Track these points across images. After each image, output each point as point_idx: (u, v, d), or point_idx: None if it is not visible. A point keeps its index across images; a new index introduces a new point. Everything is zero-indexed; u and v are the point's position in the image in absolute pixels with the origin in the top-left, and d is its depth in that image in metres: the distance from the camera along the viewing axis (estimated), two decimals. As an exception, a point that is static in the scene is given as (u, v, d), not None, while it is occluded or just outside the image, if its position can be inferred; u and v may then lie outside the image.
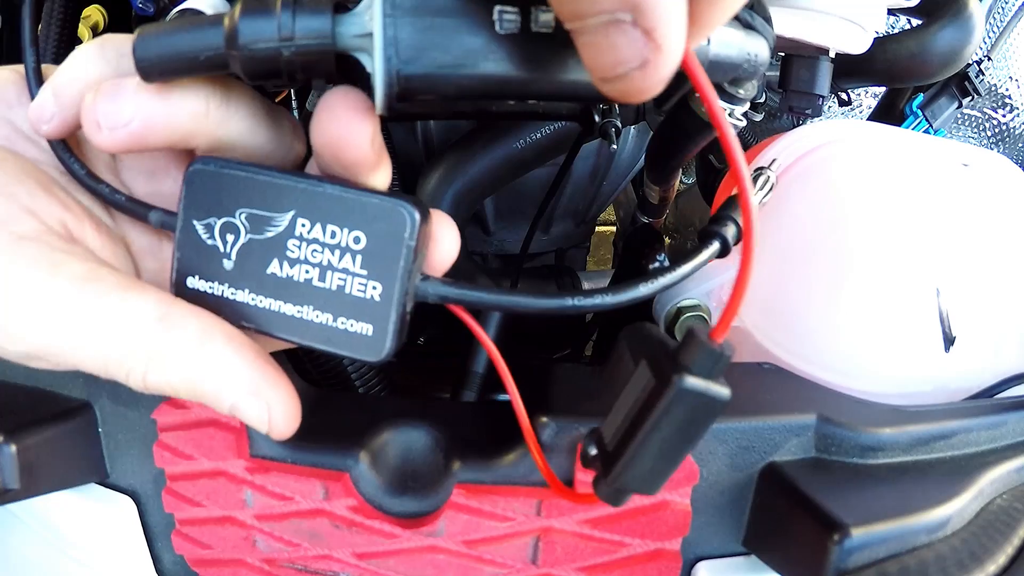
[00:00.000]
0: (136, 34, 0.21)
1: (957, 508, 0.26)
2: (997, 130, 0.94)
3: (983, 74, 0.63)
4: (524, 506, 0.28)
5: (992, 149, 0.95)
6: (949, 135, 0.91)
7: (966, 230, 0.36)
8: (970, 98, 0.63)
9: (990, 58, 0.70)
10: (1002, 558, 0.25)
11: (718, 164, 0.60)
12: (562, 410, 0.28)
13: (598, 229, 0.87)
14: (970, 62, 0.58)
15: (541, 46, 0.19)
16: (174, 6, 0.29)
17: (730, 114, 0.32)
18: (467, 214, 0.59)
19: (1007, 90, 0.93)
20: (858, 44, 0.37)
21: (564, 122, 0.54)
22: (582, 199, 0.72)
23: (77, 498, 0.31)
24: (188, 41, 0.20)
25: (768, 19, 0.26)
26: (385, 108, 0.20)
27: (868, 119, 0.72)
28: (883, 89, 0.68)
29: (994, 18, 0.80)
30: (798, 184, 0.38)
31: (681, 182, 0.90)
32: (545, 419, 0.28)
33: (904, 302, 0.34)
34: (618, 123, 0.45)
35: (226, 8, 0.26)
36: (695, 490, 0.28)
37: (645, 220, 0.68)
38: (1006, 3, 0.81)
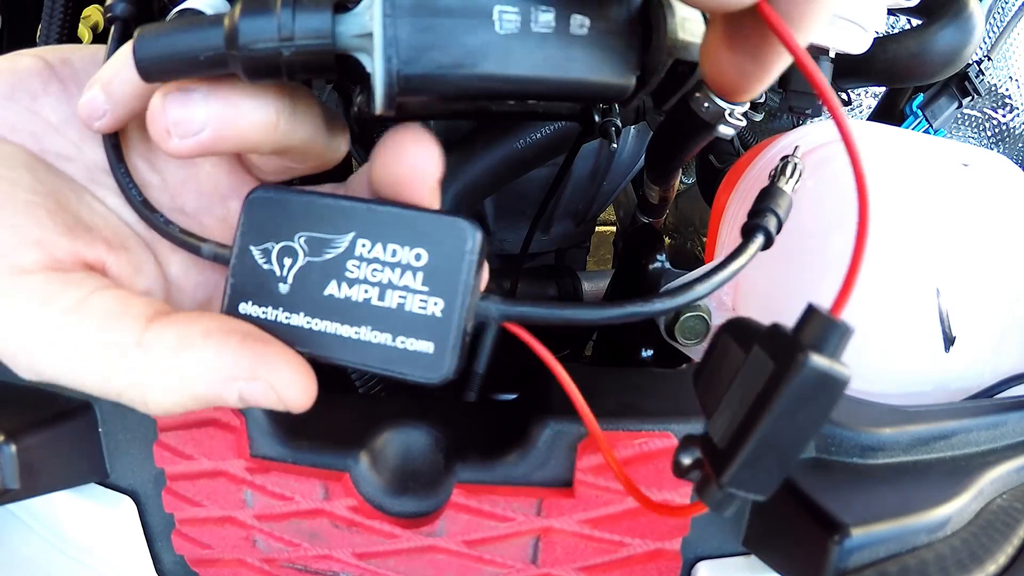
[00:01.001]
0: (136, 34, 0.21)
1: (957, 508, 0.26)
2: (997, 130, 0.94)
3: (983, 74, 0.63)
4: (524, 506, 0.28)
5: (992, 149, 0.95)
6: (949, 135, 0.91)
7: (966, 230, 0.36)
8: (970, 98, 0.63)
9: (990, 58, 0.70)
10: (1002, 558, 0.25)
11: (718, 164, 0.60)
12: (562, 410, 0.28)
13: (598, 229, 0.87)
14: (970, 62, 0.58)
15: (541, 46, 0.19)
16: (174, 6, 0.29)
17: (730, 114, 0.32)
18: (467, 214, 0.59)
19: (1007, 90, 0.93)
20: (858, 44, 0.37)
21: (564, 122, 0.54)
22: (582, 199, 0.72)
23: (77, 498, 0.31)
24: (188, 41, 0.20)
25: (768, 19, 0.25)
26: (385, 108, 0.20)
27: (868, 119, 0.72)
28: (883, 89, 0.68)
29: (994, 18, 0.80)
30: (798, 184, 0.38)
31: (681, 182, 0.89)
32: (545, 419, 0.28)
33: (904, 302, 0.34)
34: (618, 122, 0.45)
35: (226, 8, 0.25)
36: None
37: (645, 220, 0.68)
38: (1006, 3, 0.81)
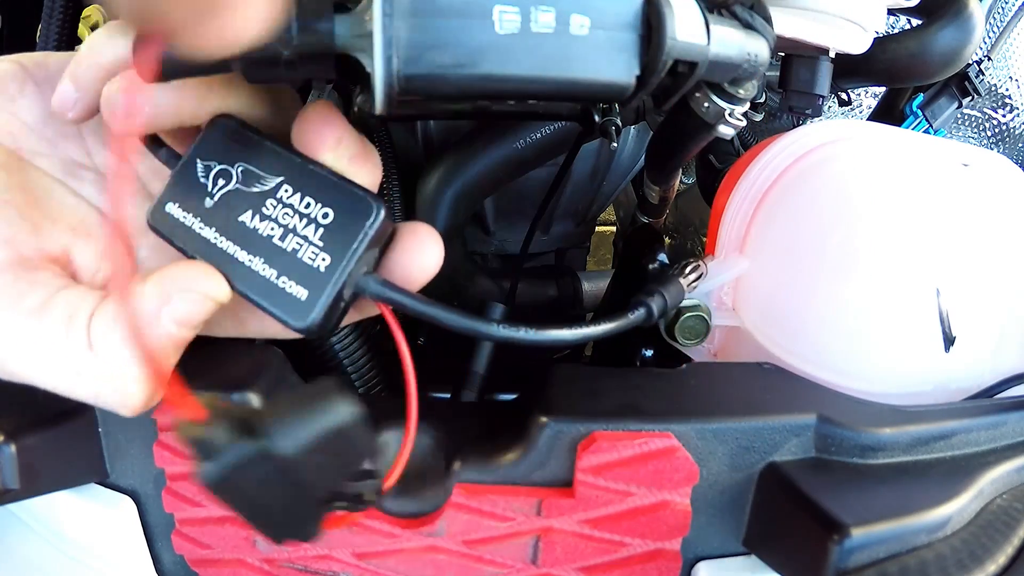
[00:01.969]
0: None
1: (957, 508, 0.26)
2: (997, 130, 0.94)
3: (983, 74, 0.63)
4: (524, 506, 0.28)
5: (992, 149, 0.95)
6: (949, 135, 0.91)
7: (966, 230, 0.36)
8: (970, 98, 0.63)
9: (990, 58, 0.70)
10: (1002, 558, 0.25)
11: (718, 164, 0.60)
12: (562, 410, 0.28)
13: (598, 229, 0.87)
14: (970, 62, 0.58)
15: (541, 46, 0.19)
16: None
17: (730, 114, 0.32)
18: (467, 214, 0.59)
19: (1007, 90, 0.93)
20: (858, 44, 0.37)
21: (564, 122, 0.54)
22: (582, 199, 0.72)
23: (77, 498, 0.31)
24: None
25: (768, 19, 0.26)
26: (385, 108, 0.20)
27: (868, 119, 0.72)
28: (883, 89, 0.68)
29: (994, 18, 0.80)
30: (798, 184, 0.38)
31: (681, 182, 0.89)
32: (545, 419, 0.28)
33: (904, 302, 0.34)
34: (618, 122, 0.45)
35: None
36: (695, 490, 0.28)
37: (645, 220, 0.68)
38: (1006, 3, 0.81)
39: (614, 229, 1.04)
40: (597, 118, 0.46)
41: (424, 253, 0.25)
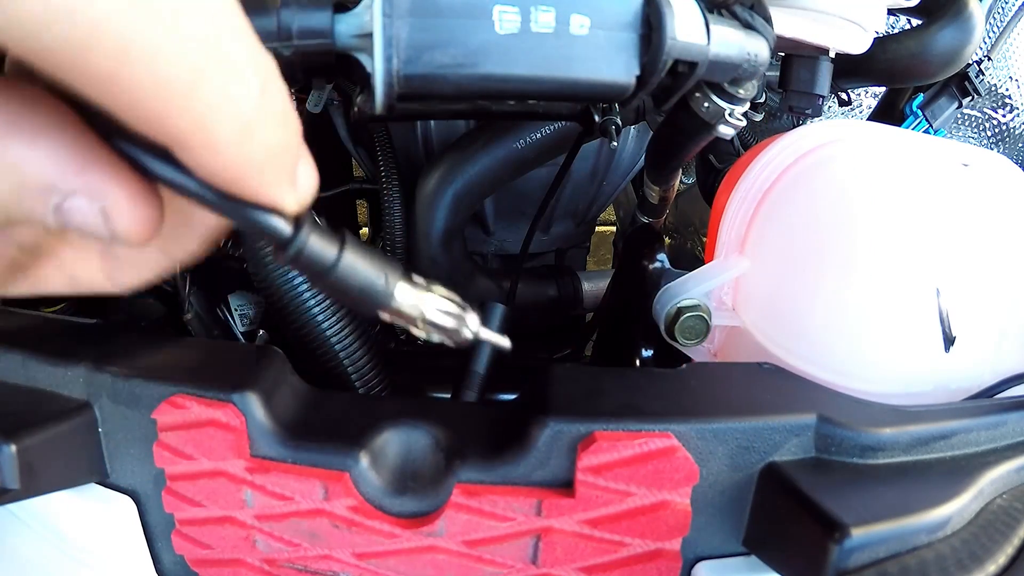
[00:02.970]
0: None
1: (957, 508, 0.26)
2: (997, 130, 0.94)
3: (983, 74, 0.63)
4: (524, 506, 0.28)
5: (992, 149, 0.95)
6: (949, 135, 0.91)
7: (966, 230, 0.36)
8: (970, 98, 0.63)
9: (990, 58, 0.70)
10: (1002, 558, 0.25)
11: (718, 164, 0.60)
12: (562, 410, 0.28)
13: (598, 229, 0.87)
14: (970, 62, 0.58)
15: (541, 46, 0.19)
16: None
17: (730, 114, 0.32)
18: (467, 214, 0.59)
19: (1007, 90, 0.93)
20: (858, 44, 0.37)
21: (564, 122, 0.54)
22: (582, 199, 0.72)
23: (77, 498, 0.31)
24: None
25: (768, 19, 0.26)
26: (385, 108, 0.20)
27: (868, 119, 0.72)
28: (883, 89, 0.68)
29: (994, 18, 0.80)
30: (798, 184, 0.38)
31: (681, 182, 0.89)
32: (545, 419, 0.28)
33: (904, 302, 0.34)
34: (618, 121, 0.45)
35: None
36: (695, 490, 0.28)
37: (645, 220, 0.68)
38: (1006, 3, 0.81)
39: (614, 229, 1.04)
40: (597, 118, 0.46)
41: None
